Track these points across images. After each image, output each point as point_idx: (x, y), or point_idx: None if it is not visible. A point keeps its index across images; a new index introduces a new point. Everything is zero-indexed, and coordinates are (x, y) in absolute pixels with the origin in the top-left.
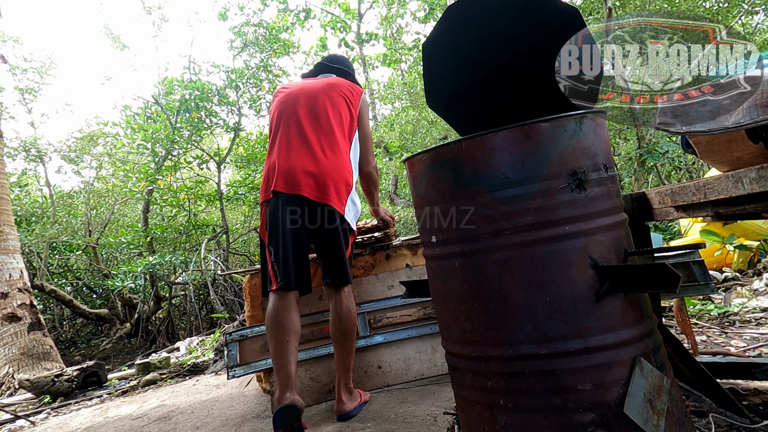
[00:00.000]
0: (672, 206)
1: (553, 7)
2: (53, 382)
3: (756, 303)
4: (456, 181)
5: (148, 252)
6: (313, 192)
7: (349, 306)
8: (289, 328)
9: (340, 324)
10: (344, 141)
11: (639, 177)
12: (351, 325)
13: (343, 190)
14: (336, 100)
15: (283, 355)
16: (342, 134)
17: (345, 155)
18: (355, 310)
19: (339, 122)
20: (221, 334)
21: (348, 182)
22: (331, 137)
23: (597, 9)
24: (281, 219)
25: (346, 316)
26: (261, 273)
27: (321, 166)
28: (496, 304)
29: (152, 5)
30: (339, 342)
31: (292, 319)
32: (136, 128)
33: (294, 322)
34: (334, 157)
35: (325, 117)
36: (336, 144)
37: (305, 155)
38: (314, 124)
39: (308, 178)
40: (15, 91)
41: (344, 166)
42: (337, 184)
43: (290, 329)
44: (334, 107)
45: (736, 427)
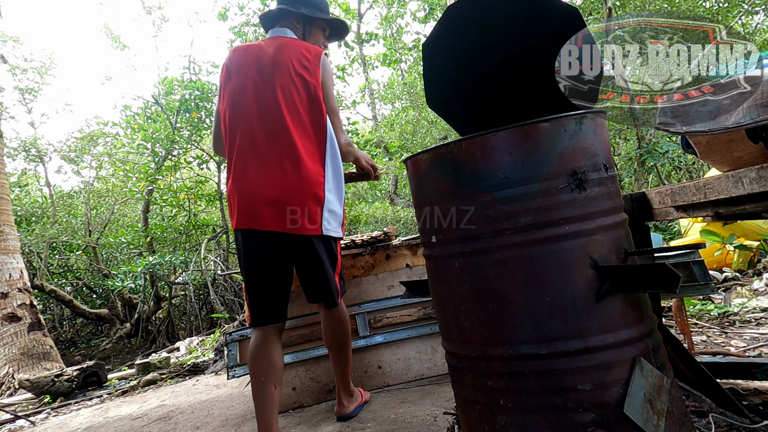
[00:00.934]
0: (672, 206)
1: (553, 7)
2: (53, 382)
3: (756, 303)
4: (456, 181)
5: (148, 252)
6: (278, 223)
7: (340, 316)
8: (264, 366)
9: (332, 335)
10: (306, 141)
11: (639, 177)
12: (344, 335)
13: (314, 207)
14: (288, 89)
15: (260, 399)
16: (303, 133)
17: (309, 162)
18: (347, 319)
19: (297, 119)
20: (221, 334)
21: (317, 195)
22: (290, 146)
23: (597, 9)
24: (251, 254)
25: (339, 327)
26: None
27: (283, 189)
28: (496, 304)
29: (152, 5)
30: (334, 351)
31: (269, 355)
32: (136, 128)
33: (272, 358)
34: (296, 173)
35: (279, 120)
36: (296, 152)
37: (263, 178)
38: (269, 134)
39: (269, 208)
40: (15, 91)
41: (310, 178)
42: (305, 203)
43: (266, 367)
44: (289, 100)
45: (736, 427)
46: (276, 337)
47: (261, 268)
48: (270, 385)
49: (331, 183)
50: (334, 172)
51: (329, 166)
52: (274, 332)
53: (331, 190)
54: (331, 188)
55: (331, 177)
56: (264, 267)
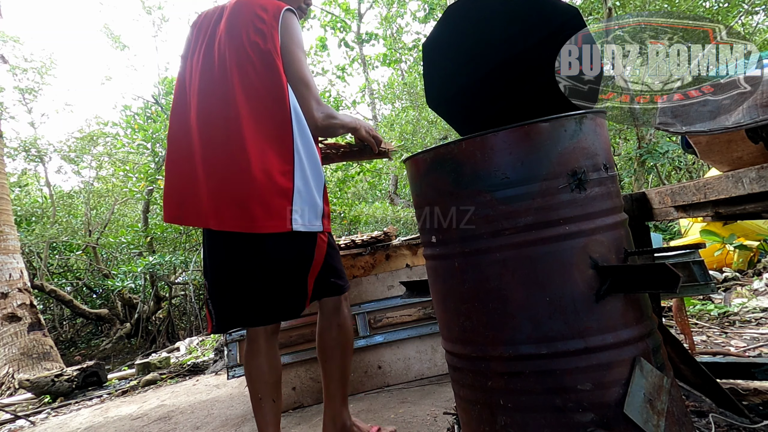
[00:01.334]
0: (672, 206)
1: (553, 7)
2: (53, 382)
3: (756, 303)
4: (456, 181)
5: (148, 252)
6: (223, 220)
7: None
8: (257, 383)
9: (320, 339)
10: (263, 125)
11: (639, 177)
12: (333, 341)
13: (275, 197)
14: (244, 67)
15: (258, 414)
16: (259, 117)
17: (265, 143)
18: (344, 325)
19: (253, 102)
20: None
21: (276, 183)
22: (237, 135)
23: (597, 9)
24: (209, 251)
25: (326, 330)
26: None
27: (234, 180)
28: (496, 304)
29: (152, 5)
30: (321, 361)
31: (261, 368)
32: (136, 128)
33: (262, 370)
34: (246, 159)
35: (233, 102)
36: (242, 141)
37: (211, 162)
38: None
39: (211, 200)
40: (15, 91)
41: (265, 161)
42: (262, 194)
43: (259, 384)
44: (244, 76)
45: (736, 427)
46: (268, 345)
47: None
48: (267, 400)
49: (300, 169)
50: (306, 155)
51: (300, 149)
52: (263, 339)
53: (302, 177)
54: (302, 175)
55: (303, 161)
56: (218, 268)
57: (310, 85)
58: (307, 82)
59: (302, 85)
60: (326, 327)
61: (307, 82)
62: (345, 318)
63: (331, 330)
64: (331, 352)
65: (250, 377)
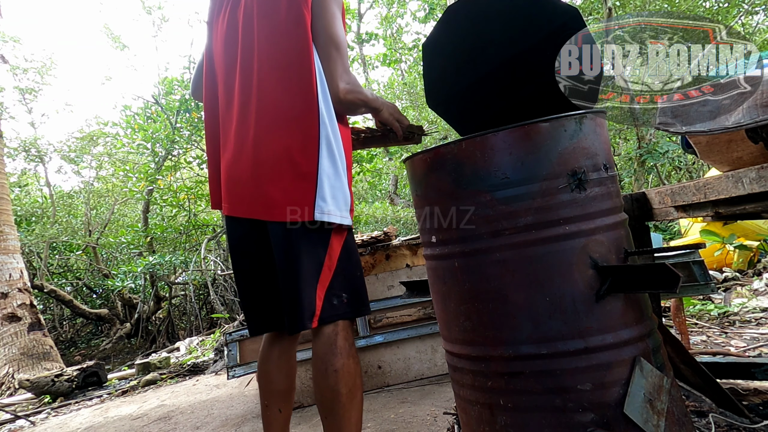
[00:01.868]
0: (672, 206)
1: (553, 7)
2: (53, 382)
3: (756, 303)
4: (456, 181)
5: (148, 252)
6: (242, 207)
7: (326, 358)
8: (264, 390)
9: (315, 388)
10: (284, 90)
11: (639, 177)
12: (330, 392)
13: (295, 179)
14: (268, 18)
15: (264, 422)
16: (279, 79)
17: (284, 116)
18: (344, 366)
19: (272, 61)
20: (221, 334)
21: (297, 162)
22: (258, 101)
23: (597, 9)
24: (230, 243)
25: (321, 377)
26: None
27: (250, 158)
28: (496, 304)
29: (152, 5)
30: (320, 415)
31: (270, 374)
32: (136, 128)
33: (271, 377)
34: (267, 133)
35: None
36: (265, 110)
37: (232, 146)
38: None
39: (236, 185)
40: (15, 91)
41: (282, 136)
42: (279, 175)
43: (266, 392)
44: (266, 33)
45: (736, 427)
46: (281, 352)
47: (243, 264)
48: (273, 409)
49: (327, 147)
50: (333, 131)
51: (326, 123)
52: (276, 346)
53: (329, 157)
54: (329, 154)
55: (330, 138)
56: (244, 263)
57: (340, 47)
58: (338, 42)
59: (331, 45)
60: (321, 372)
61: (337, 42)
62: (345, 356)
63: (327, 377)
64: (329, 406)
65: (258, 382)
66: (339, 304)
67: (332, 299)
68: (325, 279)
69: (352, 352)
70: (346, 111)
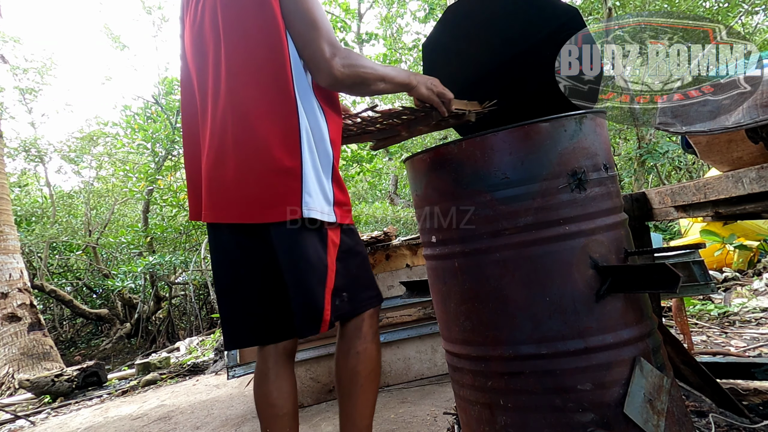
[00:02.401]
0: (672, 206)
1: (553, 7)
2: (53, 382)
3: (756, 303)
4: (456, 181)
5: (148, 252)
6: (228, 211)
7: (350, 341)
8: (265, 412)
9: (336, 369)
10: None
11: (639, 177)
12: (350, 373)
13: (278, 176)
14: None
15: None
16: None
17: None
18: (366, 350)
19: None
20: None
21: (277, 159)
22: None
23: (597, 9)
24: (212, 252)
25: (342, 357)
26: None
27: (230, 159)
28: (496, 304)
29: (152, 5)
30: (338, 396)
31: (268, 397)
32: (136, 128)
33: (270, 401)
34: (244, 131)
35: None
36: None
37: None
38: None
39: (219, 189)
40: (15, 91)
41: (260, 132)
42: (261, 174)
43: (268, 413)
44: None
45: (736, 427)
46: (279, 367)
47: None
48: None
49: (307, 141)
50: (312, 124)
51: (303, 115)
52: (273, 361)
53: (309, 151)
54: (309, 148)
55: (309, 131)
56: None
57: (317, 24)
58: (313, 20)
59: (306, 25)
60: (344, 353)
61: (312, 20)
62: (369, 341)
63: (348, 357)
64: (348, 386)
65: (257, 406)
66: (341, 304)
67: (335, 300)
68: (330, 282)
69: (376, 338)
70: (351, 90)
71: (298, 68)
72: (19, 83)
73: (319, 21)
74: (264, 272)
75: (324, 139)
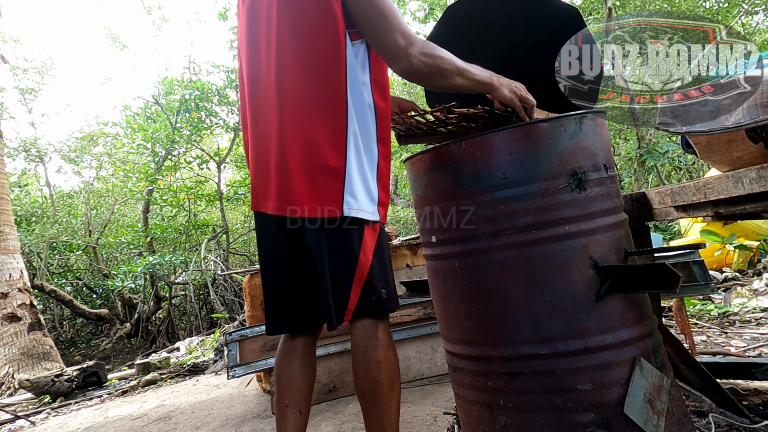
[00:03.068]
0: (672, 206)
1: (553, 7)
2: (53, 382)
3: (756, 303)
4: (456, 181)
5: (148, 252)
6: (269, 202)
7: (368, 351)
8: (285, 388)
9: (357, 379)
10: (308, 80)
11: (639, 177)
12: (373, 383)
13: (321, 174)
14: (282, 11)
15: (280, 424)
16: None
17: (309, 105)
18: (386, 358)
19: (297, 46)
20: (221, 334)
21: (323, 156)
22: (280, 93)
23: (597, 9)
24: (258, 239)
25: (363, 369)
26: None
27: (276, 153)
28: (496, 304)
29: (152, 5)
30: (362, 405)
31: (292, 371)
32: (136, 128)
33: (294, 374)
34: (292, 127)
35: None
36: (290, 98)
37: (261, 142)
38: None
39: (269, 182)
40: (15, 91)
41: (312, 129)
42: (305, 170)
43: (288, 390)
44: (286, 18)
45: (736, 427)
46: (305, 351)
47: (274, 256)
48: (293, 409)
49: (354, 141)
50: (360, 124)
51: (353, 114)
52: (302, 345)
53: (356, 152)
54: (356, 148)
55: (357, 131)
56: (277, 256)
57: (387, 15)
58: (382, 11)
59: (375, 17)
60: (364, 363)
61: (381, 11)
62: (386, 348)
63: (369, 368)
64: (372, 395)
65: (279, 380)
66: (377, 300)
67: (370, 295)
68: (360, 275)
69: (392, 344)
70: (427, 81)
71: (352, 67)
72: (19, 83)
73: (389, 11)
74: (302, 264)
75: (371, 138)
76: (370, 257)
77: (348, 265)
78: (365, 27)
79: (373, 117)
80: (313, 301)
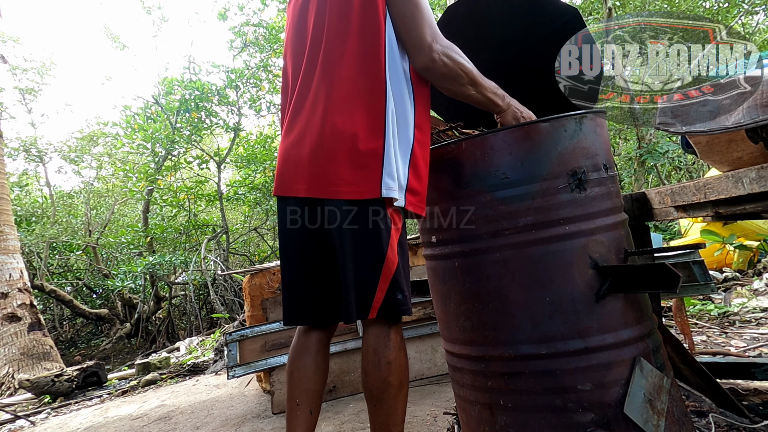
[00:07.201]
0: (672, 206)
1: (552, 7)
2: (53, 382)
3: (756, 303)
4: (456, 181)
5: (148, 252)
6: (306, 186)
7: (379, 350)
8: (297, 386)
9: (366, 378)
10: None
11: (639, 177)
12: (382, 383)
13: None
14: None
15: (291, 423)
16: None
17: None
18: (397, 359)
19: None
20: (221, 334)
21: (357, 136)
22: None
23: (597, 9)
24: (280, 227)
25: (373, 368)
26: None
27: (315, 136)
28: (496, 304)
29: (152, 5)
30: (368, 404)
31: (305, 370)
32: (136, 128)
33: (307, 373)
34: (332, 109)
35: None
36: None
37: (297, 127)
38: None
39: (301, 166)
40: (15, 91)
41: (352, 112)
42: (343, 152)
43: (300, 389)
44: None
45: (736, 427)
46: (320, 347)
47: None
48: (304, 409)
49: (391, 123)
50: (398, 107)
51: (391, 99)
52: (317, 341)
53: (393, 134)
54: (393, 131)
55: (394, 114)
56: (297, 244)
57: (421, 6)
58: (417, 2)
59: (409, 5)
60: (374, 363)
61: (417, 2)
62: (398, 350)
63: (379, 368)
64: (380, 395)
65: (291, 377)
66: (403, 299)
67: (396, 293)
68: (388, 271)
69: (403, 345)
70: (441, 81)
71: (392, 53)
72: (18, 83)
73: (424, 5)
74: (324, 254)
75: (408, 124)
76: (396, 255)
77: (376, 261)
78: (398, 15)
79: (411, 103)
80: (333, 294)
